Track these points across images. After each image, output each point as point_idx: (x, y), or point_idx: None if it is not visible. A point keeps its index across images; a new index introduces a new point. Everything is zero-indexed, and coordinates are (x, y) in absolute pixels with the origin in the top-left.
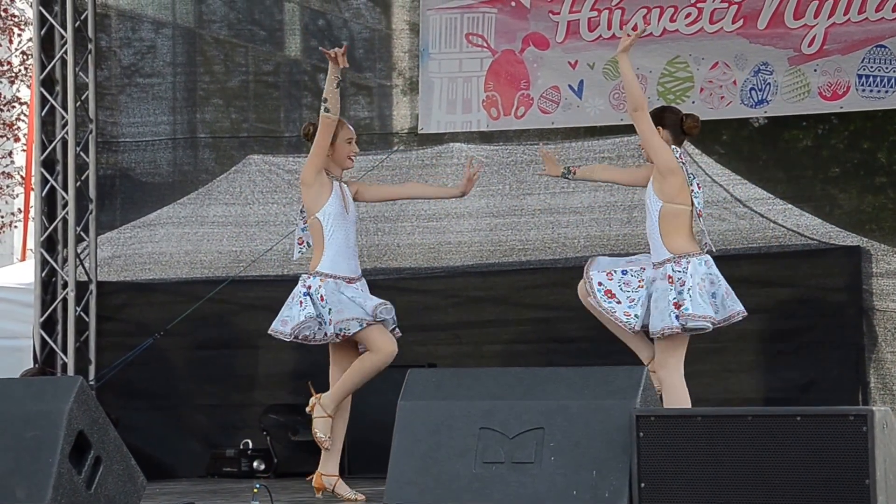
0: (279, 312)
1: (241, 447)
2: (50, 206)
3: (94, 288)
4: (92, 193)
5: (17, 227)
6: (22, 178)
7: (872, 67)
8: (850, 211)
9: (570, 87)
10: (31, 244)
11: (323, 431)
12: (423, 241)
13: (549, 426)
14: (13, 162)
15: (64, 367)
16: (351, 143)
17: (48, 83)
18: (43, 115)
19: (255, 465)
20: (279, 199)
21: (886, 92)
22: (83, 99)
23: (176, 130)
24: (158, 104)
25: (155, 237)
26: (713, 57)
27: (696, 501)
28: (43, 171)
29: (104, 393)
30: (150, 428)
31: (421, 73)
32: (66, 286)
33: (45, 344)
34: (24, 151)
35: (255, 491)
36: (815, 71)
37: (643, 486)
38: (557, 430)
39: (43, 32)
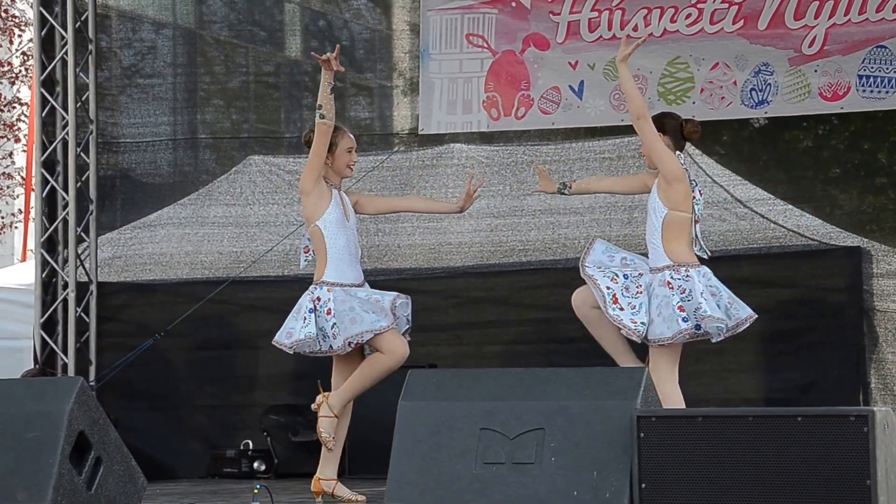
0: (285, 321)
1: (241, 448)
2: (50, 206)
3: (94, 288)
4: (92, 194)
5: (17, 227)
6: (22, 178)
7: (873, 68)
8: (850, 211)
9: (570, 87)
10: (31, 245)
11: (328, 431)
12: (423, 241)
13: (549, 427)
14: (14, 163)
15: (64, 367)
16: (351, 152)
17: (49, 84)
18: (43, 115)
19: (255, 465)
20: (280, 199)
21: (887, 92)
22: (84, 99)
23: (176, 131)
24: (159, 105)
25: (155, 238)
26: (713, 57)
27: (696, 502)
28: (43, 171)
29: (104, 393)
30: (150, 428)
31: (421, 73)
32: (66, 287)
33: (45, 344)
34: (24, 152)
35: (255, 492)
36: (815, 71)
37: (644, 486)
38: (558, 430)
39: (43, 33)
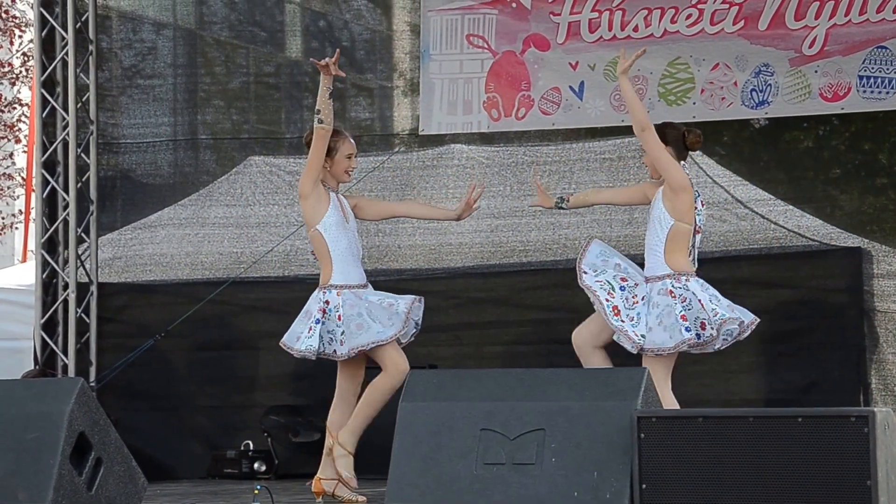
0: (293, 324)
1: (241, 448)
2: (51, 207)
3: (94, 289)
4: (93, 195)
5: (17, 228)
6: (23, 179)
7: (873, 68)
8: (850, 212)
9: (570, 88)
10: (31, 245)
11: (349, 471)
12: (423, 242)
13: (550, 427)
14: (14, 163)
15: (65, 368)
16: (351, 158)
17: (49, 84)
18: (44, 116)
19: (255, 466)
20: (280, 200)
21: (887, 93)
22: (84, 100)
23: (177, 132)
24: (159, 105)
25: (156, 238)
26: (714, 58)
27: (697, 502)
28: (44, 172)
29: (105, 394)
30: (150, 429)
31: (422, 74)
32: (66, 287)
33: (45, 345)
34: (25, 153)
35: (255, 492)
36: (815, 72)
37: (644, 487)
38: (558, 431)
39: (44, 34)
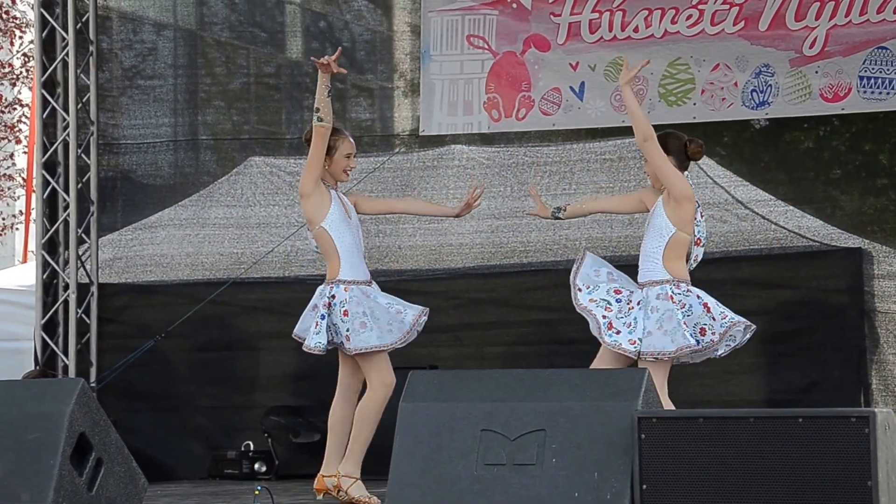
0: (303, 315)
1: (242, 449)
2: (51, 208)
3: (95, 290)
4: (93, 195)
5: (18, 229)
6: (23, 180)
7: (874, 69)
8: (851, 213)
9: (571, 88)
10: (32, 246)
11: (363, 492)
12: (424, 242)
13: (550, 428)
14: (15, 164)
15: (65, 369)
16: (350, 157)
17: (49, 85)
18: (44, 117)
19: (256, 466)
20: (280, 200)
21: (888, 94)
22: (84, 101)
23: (177, 132)
24: (160, 106)
25: (156, 239)
26: (714, 59)
27: (697, 503)
28: (44, 173)
29: (105, 395)
30: (151, 430)
31: (422, 74)
32: (67, 288)
33: (46, 346)
34: (25, 153)
35: (256, 493)
36: (816, 73)
37: (645, 487)
38: (559, 431)
39: (44, 35)
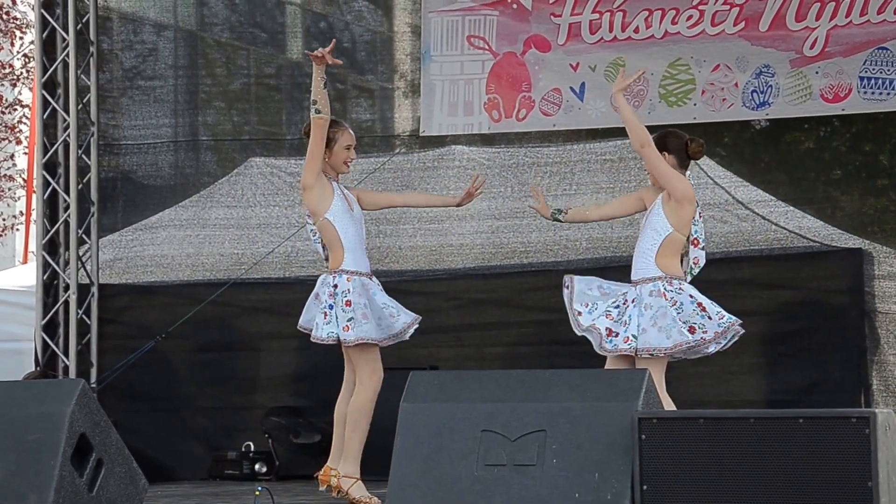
0: (306, 306)
1: (242, 449)
2: (52, 208)
3: (95, 290)
4: (94, 196)
5: (18, 229)
6: (24, 180)
7: (874, 70)
8: (851, 213)
9: (571, 89)
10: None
11: (362, 493)
12: (424, 243)
13: (551, 428)
14: (15, 164)
15: (65, 369)
16: (350, 149)
17: (50, 86)
18: (45, 117)
19: (256, 467)
20: (281, 201)
21: (888, 94)
22: (85, 102)
23: (177, 133)
24: (160, 107)
25: (156, 240)
26: (715, 59)
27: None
28: (45, 173)
29: (106, 395)
30: (151, 430)
31: (422, 75)
32: (67, 289)
33: (46, 347)
34: (25, 154)
35: (256, 493)
36: (816, 73)
37: (645, 488)
38: (559, 432)
39: (45, 35)
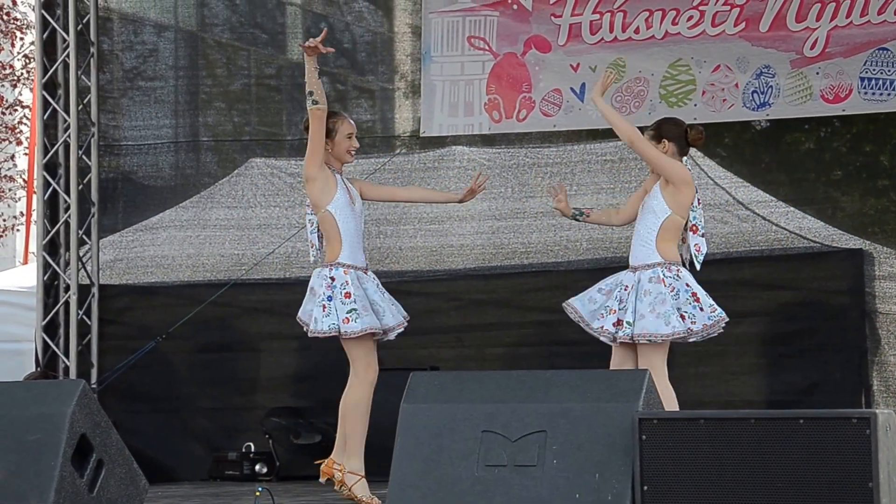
0: (304, 302)
1: (243, 450)
2: (52, 209)
3: (96, 291)
4: (94, 197)
5: (19, 230)
6: (24, 181)
7: (875, 70)
8: (852, 214)
9: (571, 89)
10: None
11: (366, 492)
12: (425, 244)
13: (551, 429)
14: (15, 165)
15: (66, 370)
16: (351, 137)
17: (50, 87)
18: (45, 118)
19: (257, 468)
20: (281, 202)
21: (889, 95)
22: (85, 102)
23: (178, 134)
24: (161, 107)
25: (157, 240)
26: (715, 60)
27: None
28: (45, 174)
29: (106, 396)
30: (152, 431)
31: (423, 76)
32: (68, 289)
33: (47, 347)
34: (26, 155)
35: (257, 494)
36: (817, 74)
37: (646, 489)
38: (560, 432)
39: (45, 36)
